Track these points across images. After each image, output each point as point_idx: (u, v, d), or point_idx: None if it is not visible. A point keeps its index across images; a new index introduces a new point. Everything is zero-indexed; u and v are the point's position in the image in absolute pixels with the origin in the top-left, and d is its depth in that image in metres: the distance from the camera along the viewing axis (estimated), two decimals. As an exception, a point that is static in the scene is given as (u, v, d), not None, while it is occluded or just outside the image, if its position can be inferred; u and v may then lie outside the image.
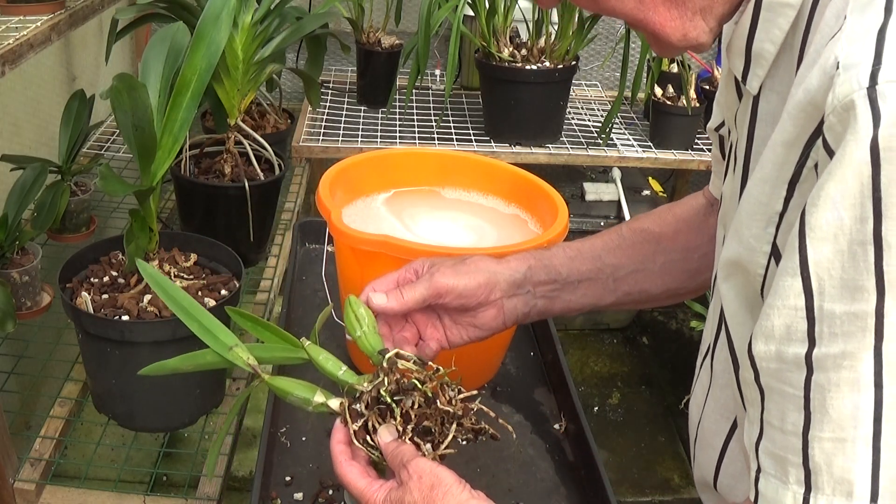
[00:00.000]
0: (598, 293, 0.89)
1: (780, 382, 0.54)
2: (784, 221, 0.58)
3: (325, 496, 0.93)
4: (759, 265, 0.60)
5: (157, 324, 1.16)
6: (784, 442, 0.54)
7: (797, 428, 0.53)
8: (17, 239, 1.41)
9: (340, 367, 0.81)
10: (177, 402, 1.25)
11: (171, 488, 1.77)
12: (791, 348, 0.53)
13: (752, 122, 0.65)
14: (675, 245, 0.90)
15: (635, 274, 0.89)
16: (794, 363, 0.53)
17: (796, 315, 0.52)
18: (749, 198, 0.61)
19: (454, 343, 0.87)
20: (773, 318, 0.54)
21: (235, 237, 1.58)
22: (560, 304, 0.88)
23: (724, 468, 0.74)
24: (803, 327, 0.52)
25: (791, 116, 0.55)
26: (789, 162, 0.56)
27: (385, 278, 0.85)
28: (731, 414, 0.72)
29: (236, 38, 1.48)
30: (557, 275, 0.87)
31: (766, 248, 0.59)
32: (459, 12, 1.90)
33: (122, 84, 1.04)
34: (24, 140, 1.81)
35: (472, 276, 0.83)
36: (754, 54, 0.63)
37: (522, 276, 0.86)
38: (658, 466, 2.27)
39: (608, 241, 0.90)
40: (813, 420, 0.52)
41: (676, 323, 2.83)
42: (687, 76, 2.10)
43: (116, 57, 2.23)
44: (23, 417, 1.52)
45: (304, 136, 2.08)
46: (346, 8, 2.24)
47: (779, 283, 0.53)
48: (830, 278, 0.51)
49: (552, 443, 1.05)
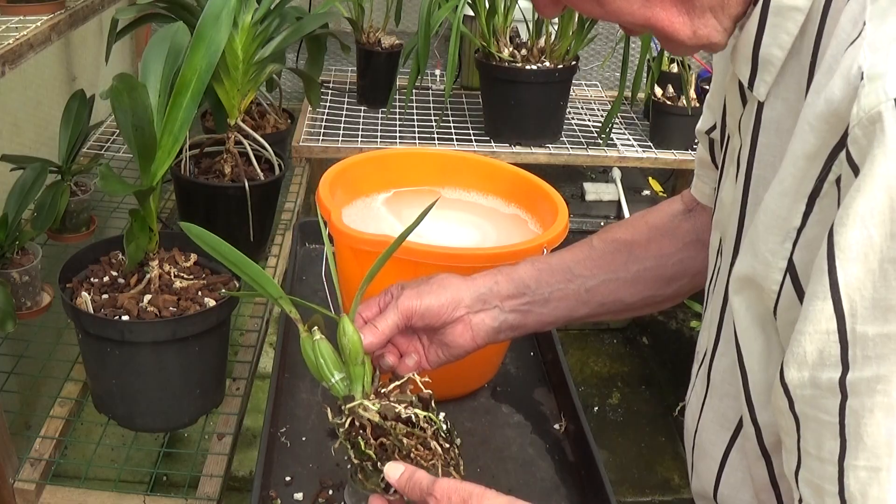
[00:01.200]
0: (570, 305, 0.88)
1: (815, 409, 0.53)
2: (802, 237, 0.56)
3: (325, 496, 0.93)
4: (773, 281, 0.59)
5: (157, 324, 1.16)
6: (821, 471, 0.53)
7: (833, 456, 0.52)
8: (17, 239, 1.42)
9: (336, 375, 0.79)
10: (177, 402, 1.25)
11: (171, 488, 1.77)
12: (825, 374, 0.51)
13: (756, 129, 0.64)
14: (647, 253, 0.88)
15: (608, 283, 0.88)
16: (828, 389, 0.51)
17: (829, 339, 0.51)
18: (767, 211, 0.59)
19: (433, 363, 0.86)
20: (805, 345, 0.52)
21: (235, 237, 1.57)
22: (533, 318, 0.87)
23: (724, 478, 0.73)
24: (836, 352, 0.51)
25: (813, 128, 0.53)
26: (810, 176, 0.54)
27: (367, 304, 0.85)
28: (730, 423, 0.71)
29: (236, 38, 1.48)
30: (526, 288, 0.86)
31: (781, 264, 0.58)
32: (459, 12, 1.90)
33: (122, 84, 1.04)
34: (24, 140, 1.81)
35: (435, 294, 0.83)
36: (761, 60, 0.61)
37: (488, 290, 0.85)
38: (658, 466, 2.27)
39: (577, 254, 0.89)
40: (848, 447, 0.51)
41: (676, 323, 2.83)
42: (687, 76, 2.10)
43: (116, 57, 2.23)
44: (23, 417, 1.52)
45: (304, 136, 2.08)
46: (346, 8, 2.23)
47: (809, 308, 0.52)
48: (862, 299, 0.49)
49: (552, 443, 1.05)
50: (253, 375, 1.44)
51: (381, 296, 0.86)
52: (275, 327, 1.56)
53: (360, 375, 0.78)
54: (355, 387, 0.78)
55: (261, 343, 1.52)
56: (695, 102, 2.13)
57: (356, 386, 0.78)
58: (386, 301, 0.85)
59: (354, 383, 0.78)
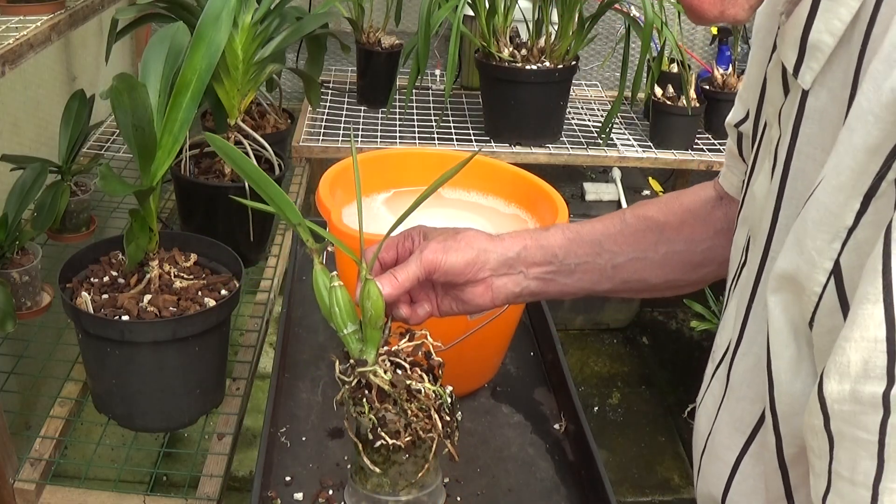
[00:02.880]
0: (594, 279, 0.85)
1: (853, 427, 0.49)
2: (852, 239, 0.52)
3: (325, 496, 0.93)
4: (816, 283, 0.55)
5: (157, 324, 1.16)
6: (853, 495, 0.49)
7: (868, 479, 0.48)
8: (17, 239, 1.41)
9: (350, 327, 0.77)
10: (177, 402, 1.25)
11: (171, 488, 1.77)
12: (868, 387, 0.47)
13: (799, 119, 0.61)
14: (679, 236, 0.86)
15: (635, 262, 0.85)
16: (870, 404, 0.47)
17: (875, 348, 0.47)
18: (818, 205, 0.55)
19: (444, 312, 0.85)
20: (850, 353, 0.48)
21: (235, 237, 1.58)
22: (555, 287, 0.85)
23: (735, 485, 0.69)
24: (882, 362, 0.47)
25: (878, 118, 0.50)
26: (869, 172, 0.51)
27: (386, 245, 0.82)
28: (747, 428, 0.68)
29: (236, 38, 1.48)
30: (553, 257, 0.84)
31: (827, 265, 0.54)
32: (459, 12, 1.90)
33: (122, 84, 1.04)
34: (24, 140, 1.81)
35: (461, 252, 0.80)
36: (810, 46, 0.59)
37: (515, 255, 0.83)
38: (658, 466, 2.27)
39: (609, 226, 0.86)
40: (886, 469, 0.47)
41: (676, 323, 2.83)
42: (687, 76, 2.10)
43: (116, 57, 2.23)
44: (23, 417, 1.52)
45: (304, 136, 2.08)
46: (346, 8, 2.23)
47: (857, 312, 0.48)
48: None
49: (552, 443, 1.05)
50: (253, 375, 1.44)
51: (400, 238, 0.83)
52: (275, 327, 1.56)
53: (377, 340, 0.77)
54: (369, 350, 0.76)
55: (261, 343, 1.52)
56: (695, 102, 2.13)
57: (370, 349, 0.76)
58: (406, 247, 0.83)
59: (369, 346, 0.76)
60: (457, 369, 1.08)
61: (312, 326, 1.23)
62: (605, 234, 0.85)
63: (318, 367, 1.15)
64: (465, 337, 1.00)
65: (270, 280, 1.66)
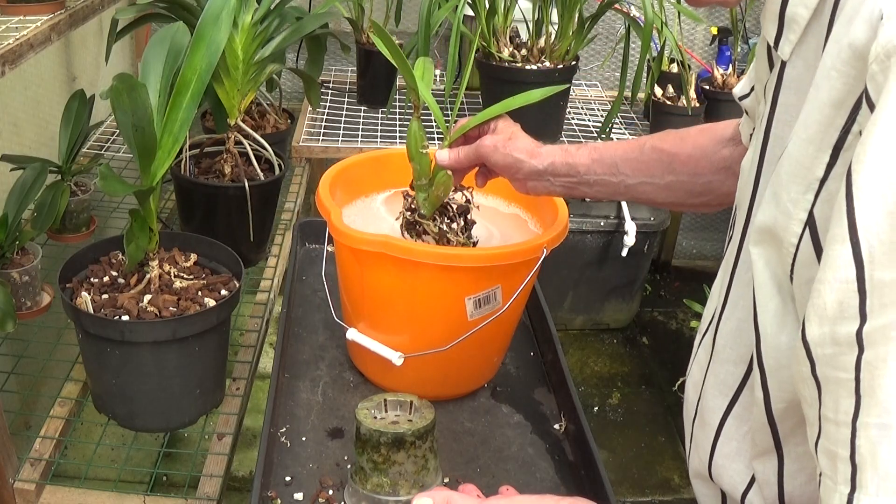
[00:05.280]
0: (610, 192, 1.01)
1: (835, 370, 0.50)
2: (824, 190, 0.55)
3: (324, 496, 0.93)
4: (793, 233, 0.57)
5: (157, 324, 1.16)
6: (836, 435, 0.50)
7: (848, 416, 0.49)
8: (17, 239, 1.41)
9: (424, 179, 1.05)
10: (177, 402, 1.25)
11: (171, 488, 1.77)
12: (844, 328, 0.49)
13: (777, 89, 0.64)
14: (684, 168, 0.95)
15: (644, 185, 0.98)
16: (846, 344, 0.49)
17: (847, 289, 0.48)
18: (790, 159, 0.58)
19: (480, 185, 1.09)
20: (825, 295, 0.50)
21: (235, 237, 1.58)
22: (578, 193, 1.01)
23: (718, 447, 0.72)
24: (855, 302, 0.48)
25: (840, 73, 0.52)
26: (835, 125, 0.53)
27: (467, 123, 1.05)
28: (729, 390, 0.70)
29: (236, 38, 1.48)
30: (577, 172, 0.99)
31: (802, 216, 0.56)
32: (459, 12, 1.90)
33: (122, 84, 1.04)
34: (24, 140, 1.81)
35: (502, 157, 1.00)
36: (787, 19, 0.61)
37: (544, 168, 0.99)
38: (658, 466, 2.27)
39: (627, 153, 0.98)
40: (862, 405, 0.48)
41: (676, 323, 2.83)
42: (687, 76, 2.10)
43: (116, 57, 2.23)
44: (23, 417, 1.52)
45: (304, 136, 2.08)
46: (346, 8, 2.24)
47: (828, 253, 0.50)
48: (881, 244, 0.47)
49: (552, 443, 1.05)
50: (253, 375, 1.44)
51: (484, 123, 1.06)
52: (275, 327, 1.56)
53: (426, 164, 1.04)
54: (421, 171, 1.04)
55: (261, 343, 1.52)
56: (694, 102, 2.13)
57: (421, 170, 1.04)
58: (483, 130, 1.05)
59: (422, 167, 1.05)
60: (457, 369, 1.08)
61: (312, 326, 1.23)
62: (622, 159, 0.98)
63: (318, 367, 1.15)
64: (465, 337, 1.00)
65: (270, 280, 1.66)
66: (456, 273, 0.98)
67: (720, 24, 2.59)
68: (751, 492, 0.70)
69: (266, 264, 1.72)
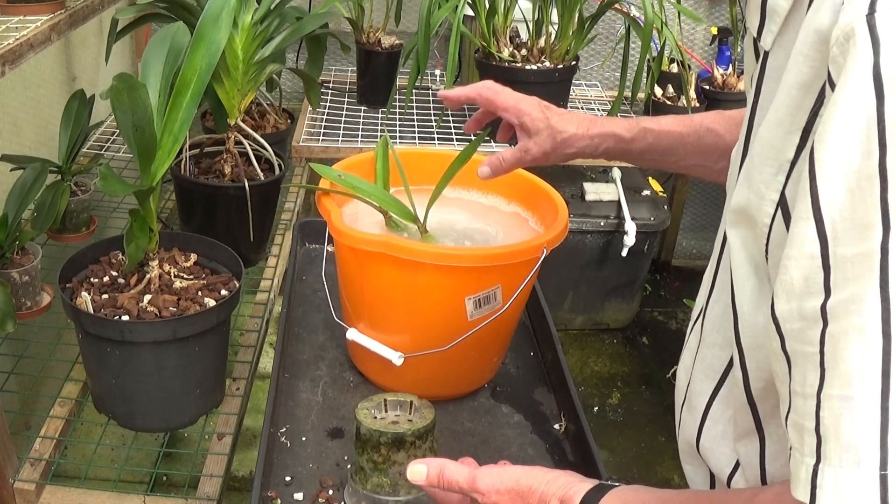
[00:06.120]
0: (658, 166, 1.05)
1: (802, 344, 0.51)
2: (794, 171, 0.56)
3: (324, 496, 0.93)
4: (766, 214, 0.58)
5: (157, 324, 1.16)
6: (804, 408, 0.51)
7: (813, 389, 0.50)
8: (17, 239, 1.41)
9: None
10: (177, 402, 1.25)
11: (171, 488, 1.77)
12: (810, 302, 0.50)
13: (760, 79, 0.65)
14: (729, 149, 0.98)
15: (697, 168, 1.01)
16: (812, 318, 0.50)
17: (812, 264, 0.50)
18: (762, 141, 0.59)
19: None
20: (792, 271, 0.51)
21: (235, 237, 1.58)
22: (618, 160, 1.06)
23: (705, 430, 0.73)
24: (820, 278, 0.49)
25: (806, 57, 0.54)
26: (804, 108, 0.54)
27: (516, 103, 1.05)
28: (715, 374, 0.71)
29: (236, 38, 1.48)
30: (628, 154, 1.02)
31: (774, 197, 0.58)
32: (459, 12, 1.90)
33: (122, 84, 1.04)
34: (24, 140, 1.81)
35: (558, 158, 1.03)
36: (769, 10, 0.63)
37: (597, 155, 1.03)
38: (658, 466, 2.27)
39: (686, 135, 1.00)
40: (826, 377, 0.49)
41: (676, 323, 2.83)
42: (687, 76, 2.10)
43: (116, 57, 2.23)
44: (23, 417, 1.52)
45: (304, 136, 2.08)
46: (346, 8, 2.24)
47: (794, 231, 0.51)
48: (843, 220, 0.48)
49: (552, 443, 1.05)
50: (253, 375, 1.44)
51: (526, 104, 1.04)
52: (275, 327, 1.56)
53: None
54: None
55: (261, 343, 1.52)
56: (695, 102, 2.13)
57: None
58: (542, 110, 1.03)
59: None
60: (457, 369, 1.08)
61: (312, 326, 1.23)
62: (681, 143, 1.00)
63: (318, 367, 1.15)
64: (465, 337, 1.00)
65: (270, 280, 1.66)
66: (456, 273, 0.97)
67: (720, 24, 2.59)
68: (736, 474, 0.70)
69: (266, 264, 1.72)
